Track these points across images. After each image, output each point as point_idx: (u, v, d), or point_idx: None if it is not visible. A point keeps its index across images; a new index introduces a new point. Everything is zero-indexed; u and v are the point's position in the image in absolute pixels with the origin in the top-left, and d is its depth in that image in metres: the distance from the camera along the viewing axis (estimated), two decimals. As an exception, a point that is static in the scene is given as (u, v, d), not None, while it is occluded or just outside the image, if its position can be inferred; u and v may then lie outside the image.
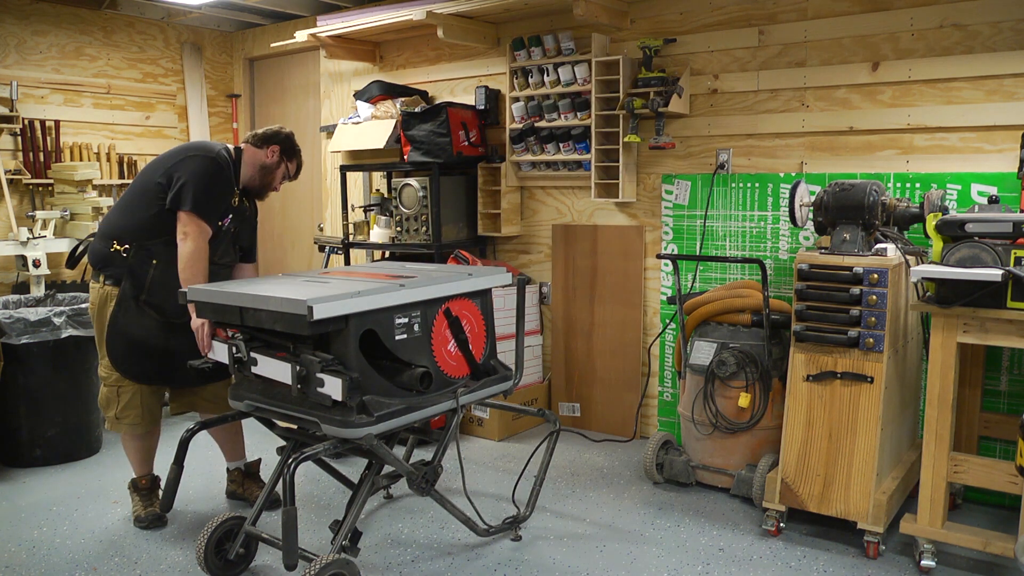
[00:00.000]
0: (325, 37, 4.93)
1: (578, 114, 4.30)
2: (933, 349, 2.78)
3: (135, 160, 5.72)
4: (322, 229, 5.79)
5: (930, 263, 2.77)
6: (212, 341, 2.92)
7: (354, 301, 2.49)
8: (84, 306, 4.07)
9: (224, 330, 2.84)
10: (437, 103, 4.57)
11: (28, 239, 4.80)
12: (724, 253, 4.00)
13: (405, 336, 2.68)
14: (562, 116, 4.36)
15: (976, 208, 2.97)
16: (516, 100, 4.52)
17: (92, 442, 4.18)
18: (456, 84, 4.95)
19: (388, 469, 2.81)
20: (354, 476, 3.09)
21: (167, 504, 2.86)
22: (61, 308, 3.99)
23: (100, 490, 3.70)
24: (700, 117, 4.05)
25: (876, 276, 2.90)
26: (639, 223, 4.33)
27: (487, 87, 4.69)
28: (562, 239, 4.60)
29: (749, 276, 3.91)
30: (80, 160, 5.37)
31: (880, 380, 2.93)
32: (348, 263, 5.02)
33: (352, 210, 5.00)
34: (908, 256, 3.08)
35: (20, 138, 5.19)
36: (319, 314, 2.38)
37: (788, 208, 3.28)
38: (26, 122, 5.20)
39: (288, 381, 2.54)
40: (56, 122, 5.35)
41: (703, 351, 3.54)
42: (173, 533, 3.24)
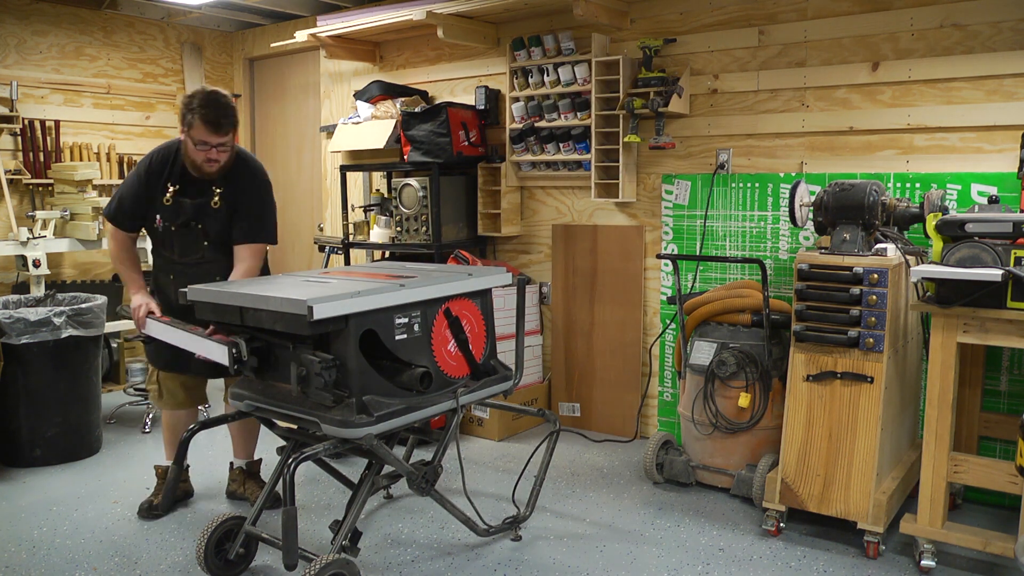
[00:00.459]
0: (325, 37, 4.93)
1: (578, 114, 4.30)
2: (933, 349, 2.78)
3: (135, 160, 5.71)
4: (322, 229, 5.79)
5: (930, 263, 2.77)
6: (147, 319, 3.05)
7: (354, 301, 2.49)
8: (84, 306, 4.07)
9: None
10: (437, 103, 4.57)
11: (28, 239, 4.80)
12: (724, 253, 4.00)
13: (405, 336, 2.68)
14: (562, 116, 4.36)
15: (976, 208, 2.97)
16: (516, 100, 4.52)
17: (92, 442, 4.18)
18: (456, 84, 4.95)
19: (388, 469, 2.81)
20: (354, 476, 3.09)
21: (167, 504, 2.86)
22: (61, 308, 3.99)
23: (100, 490, 3.70)
24: (700, 117, 4.05)
25: (876, 276, 2.90)
26: (639, 223, 4.33)
27: (487, 87, 4.69)
28: (562, 239, 4.60)
29: (749, 276, 3.91)
30: (80, 160, 5.37)
31: (880, 380, 2.93)
32: (348, 263, 5.02)
33: (352, 210, 5.00)
34: (908, 256, 3.08)
35: (20, 138, 5.19)
36: (319, 314, 2.38)
37: (788, 208, 3.28)
38: (26, 122, 5.20)
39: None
40: (56, 122, 5.35)
41: (703, 351, 3.54)
42: (173, 533, 3.24)
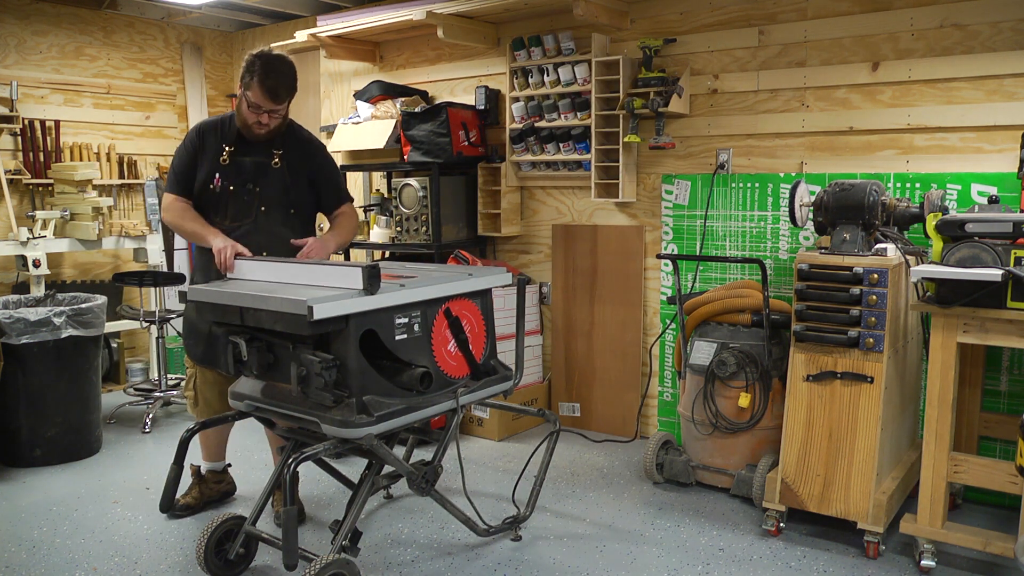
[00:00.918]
0: (325, 37, 4.93)
1: (578, 114, 4.30)
2: (933, 349, 2.78)
3: (135, 160, 5.72)
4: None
5: (930, 263, 2.77)
6: (236, 260, 2.95)
7: (354, 301, 2.49)
8: (84, 306, 4.07)
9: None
10: (437, 103, 4.57)
11: (28, 239, 4.80)
12: (724, 253, 4.00)
13: (405, 336, 2.68)
14: (562, 116, 4.36)
15: (976, 208, 2.97)
16: (516, 100, 4.52)
17: (92, 442, 4.18)
18: (456, 84, 4.95)
19: (388, 469, 2.81)
20: (354, 476, 3.09)
21: (167, 504, 2.86)
22: (61, 308, 3.99)
23: (100, 490, 3.70)
24: (700, 117, 4.05)
25: (876, 276, 2.90)
26: (639, 223, 4.33)
27: (487, 87, 4.69)
28: (562, 239, 4.59)
29: (749, 276, 3.91)
30: (80, 160, 5.37)
31: (880, 380, 2.93)
32: (348, 263, 5.01)
33: (352, 210, 5.00)
34: (908, 256, 3.08)
35: (20, 138, 5.19)
36: (319, 314, 2.38)
37: (788, 208, 3.28)
38: (26, 122, 5.20)
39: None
40: (56, 122, 5.34)
41: (703, 351, 3.54)
42: (173, 533, 3.24)
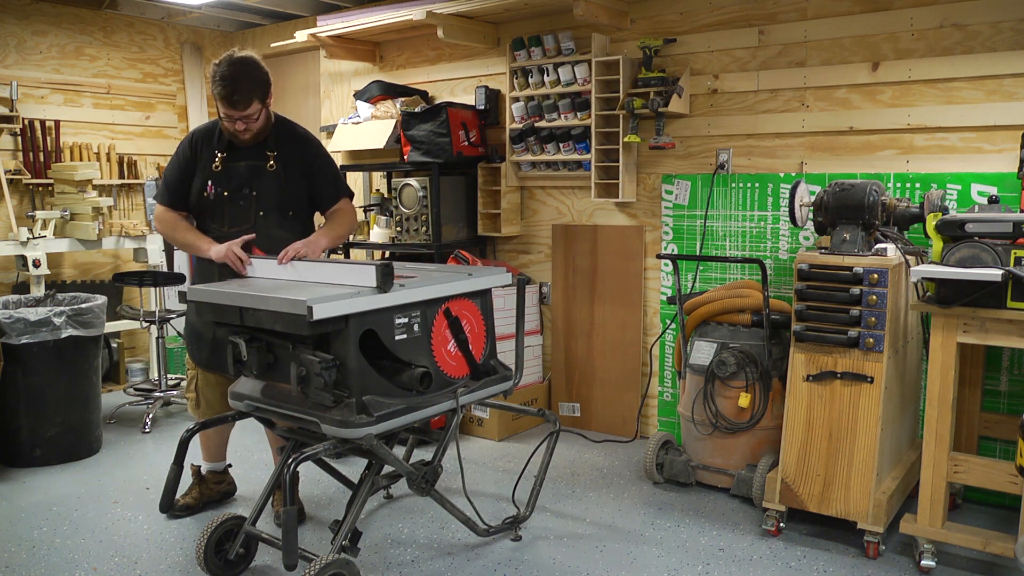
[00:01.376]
0: (325, 37, 4.93)
1: (578, 114, 4.30)
2: (933, 349, 2.78)
3: (135, 160, 5.72)
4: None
5: (930, 263, 2.77)
6: (249, 256, 2.99)
7: (354, 301, 2.49)
8: (84, 306, 4.07)
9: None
10: (437, 103, 4.57)
11: (28, 239, 4.80)
12: (724, 253, 4.00)
13: (405, 336, 2.68)
14: (562, 116, 4.36)
15: (976, 208, 2.97)
16: (516, 100, 4.52)
17: (92, 442, 4.18)
18: (456, 84, 4.95)
19: (388, 469, 2.81)
20: (354, 476, 3.09)
21: (166, 503, 2.86)
22: (61, 308, 3.99)
23: (100, 490, 3.70)
24: (700, 117, 4.05)
25: (876, 276, 2.90)
26: (639, 223, 4.33)
27: (487, 87, 4.69)
28: (562, 239, 4.59)
29: (749, 276, 3.91)
30: (80, 160, 5.37)
31: (880, 380, 2.93)
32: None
33: (352, 210, 5.00)
34: (908, 256, 3.08)
35: (20, 138, 5.19)
36: (319, 314, 2.38)
37: (788, 208, 3.28)
38: (26, 122, 5.20)
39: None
40: (56, 122, 5.35)
41: (703, 351, 3.54)
42: (173, 533, 3.24)
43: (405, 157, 4.55)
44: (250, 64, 3.00)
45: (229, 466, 3.56)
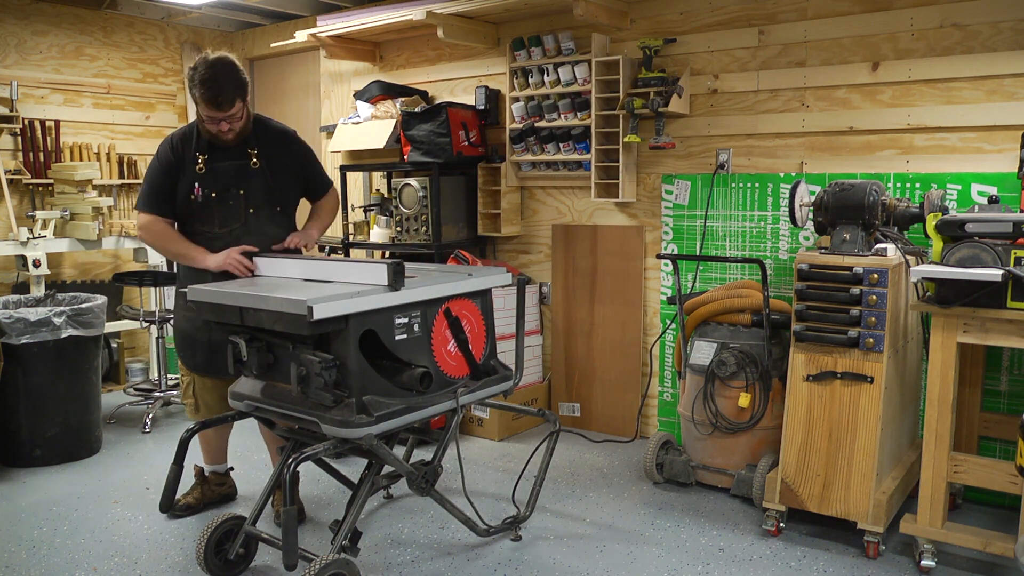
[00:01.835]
0: (325, 37, 4.93)
1: (578, 114, 4.30)
2: (933, 349, 2.78)
3: (135, 160, 5.72)
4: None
5: (930, 263, 2.77)
6: (251, 260, 3.03)
7: (354, 301, 2.49)
8: (84, 306, 4.07)
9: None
10: (437, 103, 4.57)
11: (28, 239, 4.80)
12: (724, 253, 4.00)
13: (405, 336, 2.68)
14: (562, 116, 4.36)
15: (976, 208, 2.97)
16: (516, 100, 4.52)
17: (92, 442, 4.18)
18: (456, 84, 4.95)
19: (388, 469, 2.81)
20: (354, 476, 3.09)
21: (166, 503, 2.86)
22: (61, 308, 3.99)
23: (100, 490, 3.70)
24: (700, 117, 4.05)
25: (876, 276, 2.90)
26: (639, 223, 4.33)
27: (487, 87, 4.69)
28: (562, 239, 4.59)
29: (749, 276, 3.91)
30: (80, 160, 5.37)
31: (880, 380, 2.93)
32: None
33: (352, 210, 5.00)
34: (908, 256, 3.08)
35: (20, 138, 5.19)
36: (319, 314, 2.38)
37: (788, 208, 3.28)
38: (26, 122, 5.20)
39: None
40: (56, 122, 5.35)
41: (703, 351, 3.54)
42: (173, 533, 3.24)
43: (405, 157, 4.55)
44: (228, 64, 3.01)
45: (231, 469, 3.56)
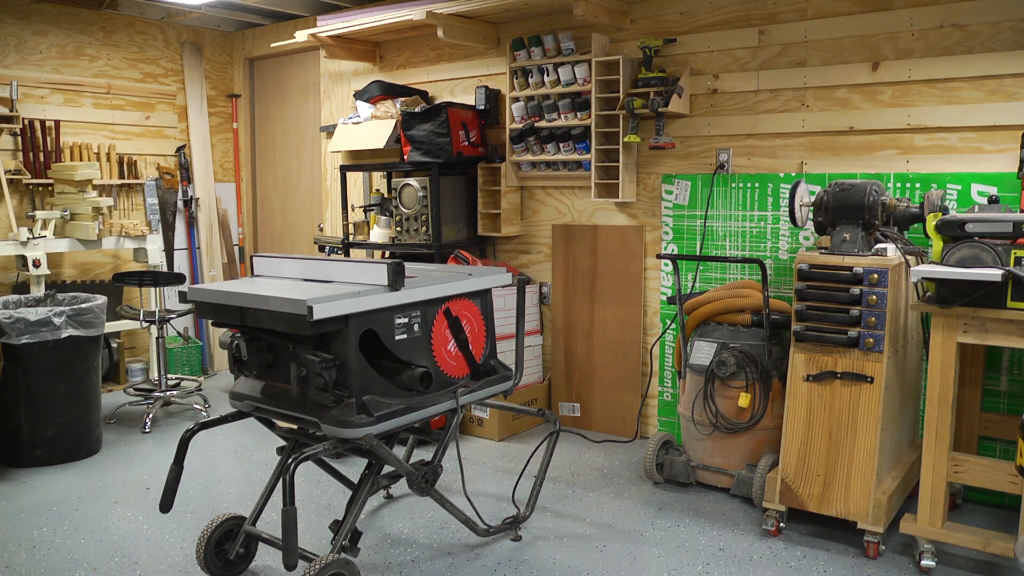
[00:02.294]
0: (325, 37, 4.93)
1: (578, 114, 4.30)
2: (933, 349, 2.78)
3: (135, 160, 5.72)
4: (322, 229, 5.79)
5: (930, 263, 2.77)
6: (253, 257, 3.02)
7: (354, 301, 2.49)
8: (84, 306, 4.07)
9: None
10: (437, 103, 4.57)
11: (28, 239, 4.80)
12: (724, 253, 4.00)
13: (405, 336, 2.68)
14: (562, 116, 4.36)
15: (976, 208, 2.97)
16: (516, 100, 4.52)
17: (92, 442, 4.18)
18: (456, 84, 4.95)
19: (388, 469, 2.81)
20: (354, 476, 3.09)
21: (167, 504, 2.86)
22: (61, 308, 3.99)
23: (100, 490, 3.70)
24: (700, 117, 4.05)
25: (876, 276, 2.90)
26: (639, 223, 4.33)
27: (487, 87, 4.69)
28: (562, 239, 4.60)
29: (749, 276, 3.91)
30: (80, 160, 5.37)
31: (880, 380, 2.93)
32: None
33: (352, 210, 5.01)
34: (908, 256, 3.08)
35: (20, 138, 5.19)
36: (319, 314, 2.38)
37: (788, 208, 3.28)
38: (26, 122, 5.20)
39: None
40: (56, 122, 5.34)
41: (703, 351, 3.54)
42: (173, 533, 3.24)
43: (405, 157, 4.55)
44: None
45: None
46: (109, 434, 4.46)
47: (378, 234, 4.79)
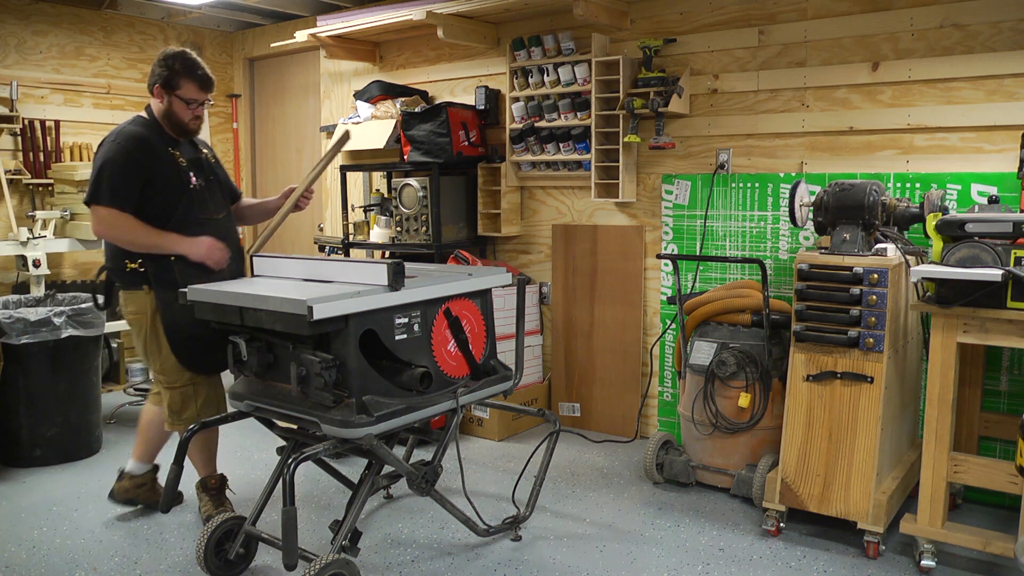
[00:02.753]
0: (325, 37, 4.93)
1: (578, 114, 4.30)
2: (933, 349, 2.78)
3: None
4: (322, 229, 5.79)
5: (930, 263, 2.77)
6: (255, 257, 3.09)
7: (354, 301, 2.49)
8: (84, 306, 4.07)
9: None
10: (437, 103, 4.57)
11: (28, 239, 4.80)
12: (724, 253, 4.00)
13: (405, 336, 2.68)
14: (562, 116, 4.36)
15: (976, 208, 2.97)
16: (516, 100, 4.52)
17: (92, 442, 4.18)
18: (456, 84, 4.95)
19: (388, 469, 2.81)
20: (354, 476, 3.09)
21: (167, 504, 2.86)
22: (61, 308, 3.98)
23: (100, 490, 3.69)
24: (700, 117, 4.05)
25: (876, 276, 2.90)
26: (639, 223, 4.33)
27: (487, 87, 4.69)
28: (562, 239, 4.59)
29: (749, 276, 3.91)
30: (80, 160, 5.37)
31: (880, 380, 2.93)
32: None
33: (352, 210, 5.00)
34: (908, 256, 3.08)
35: (20, 138, 5.19)
36: (319, 314, 2.38)
37: (788, 208, 3.28)
38: (26, 122, 5.20)
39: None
40: (56, 122, 5.35)
41: (703, 351, 3.54)
42: (173, 533, 3.24)
43: (405, 157, 4.55)
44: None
45: (224, 476, 3.40)
46: (109, 434, 4.46)
47: (378, 234, 4.79)
